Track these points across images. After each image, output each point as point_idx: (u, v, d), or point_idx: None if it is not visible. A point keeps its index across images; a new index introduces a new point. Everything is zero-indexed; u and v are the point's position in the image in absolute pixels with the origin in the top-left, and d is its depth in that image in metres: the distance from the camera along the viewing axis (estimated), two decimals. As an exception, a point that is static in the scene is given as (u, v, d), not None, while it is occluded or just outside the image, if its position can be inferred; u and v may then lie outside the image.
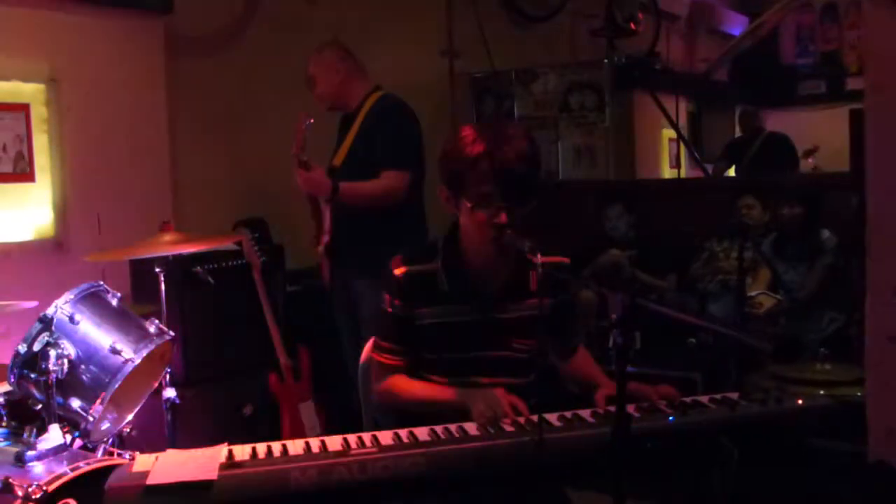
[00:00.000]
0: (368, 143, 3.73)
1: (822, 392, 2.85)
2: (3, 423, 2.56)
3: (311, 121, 3.63)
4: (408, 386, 2.37)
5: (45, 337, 2.40)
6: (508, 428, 2.02)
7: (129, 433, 2.88)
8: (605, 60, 6.45)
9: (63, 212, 3.99)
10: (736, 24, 9.90)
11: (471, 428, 2.03)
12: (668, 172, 8.18)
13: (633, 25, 7.07)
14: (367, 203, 3.67)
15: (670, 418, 2.03)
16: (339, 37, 4.15)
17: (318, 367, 4.17)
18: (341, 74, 3.84)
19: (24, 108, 3.88)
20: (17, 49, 3.85)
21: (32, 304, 2.81)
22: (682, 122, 8.06)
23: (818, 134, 8.09)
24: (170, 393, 3.09)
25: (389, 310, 2.36)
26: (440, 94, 6.36)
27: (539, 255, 1.97)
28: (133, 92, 4.27)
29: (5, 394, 2.67)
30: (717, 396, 2.16)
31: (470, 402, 2.14)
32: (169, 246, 3.09)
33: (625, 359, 1.70)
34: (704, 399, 2.16)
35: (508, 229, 2.16)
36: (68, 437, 2.42)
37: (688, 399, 2.15)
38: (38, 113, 3.93)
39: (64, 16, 3.99)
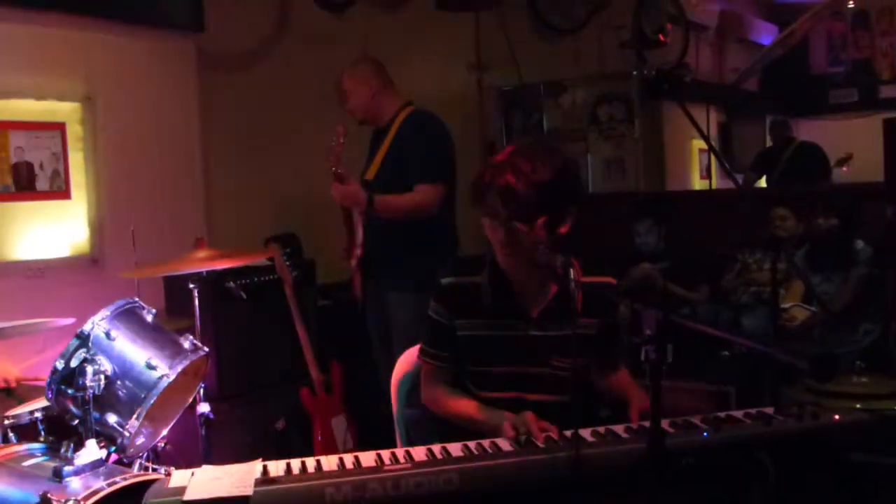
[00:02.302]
0: (401, 157, 3.75)
1: (858, 406, 2.81)
2: (41, 439, 2.60)
3: (346, 133, 3.67)
4: (448, 400, 2.41)
5: (82, 353, 2.42)
6: (542, 444, 2.01)
7: (164, 448, 2.91)
8: (634, 72, 6.43)
9: (98, 228, 4.05)
10: (765, 34, 9.83)
11: (504, 444, 2.03)
12: (698, 183, 8.12)
13: (661, 37, 7.05)
14: (402, 216, 3.69)
15: (705, 434, 2.01)
16: (368, 52, 4.18)
17: (350, 381, 4.19)
18: (374, 89, 3.87)
19: (60, 127, 3.96)
20: (52, 69, 3.92)
21: (69, 320, 2.84)
22: (713, 132, 8.00)
23: (851, 143, 7.99)
24: (204, 408, 3.11)
25: (437, 318, 2.39)
26: (469, 107, 6.38)
27: (572, 272, 1.97)
28: (166, 109, 4.33)
29: (43, 409, 2.71)
30: (752, 411, 2.14)
31: (500, 425, 2.15)
32: (202, 262, 3.12)
33: (658, 375, 1.69)
34: (739, 414, 2.14)
35: (542, 245, 2.17)
36: (104, 452, 2.44)
37: (722, 414, 2.14)
38: (74, 131, 4.00)
39: (98, 36, 4.06)
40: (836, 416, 2.08)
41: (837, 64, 10.09)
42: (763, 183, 7.80)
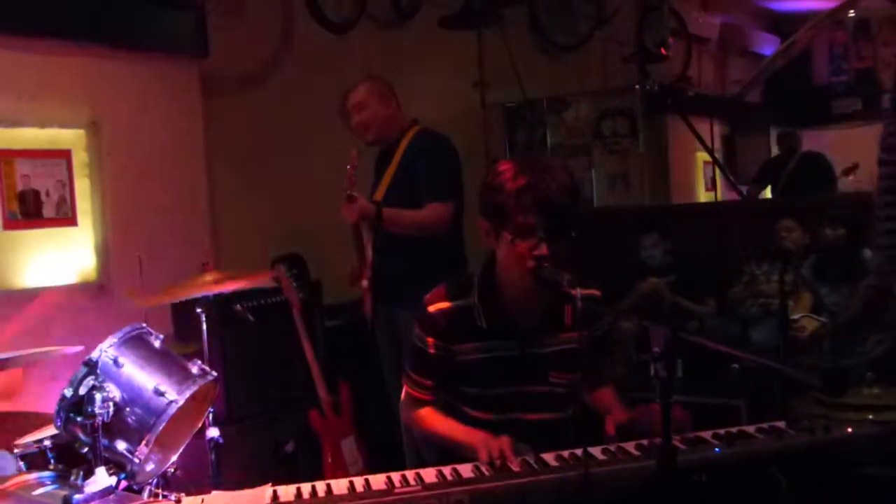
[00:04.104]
0: (409, 177, 3.76)
1: (870, 417, 2.79)
2: (51, 467, 2.59)
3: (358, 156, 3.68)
4: (431, 421, 2.40)
5: (90, 381, 2.41)
6: (552, 463, 2.01)
7: (173, 473, 2.89)
8: (637, 86, 6.45)
9: (105, 255, 4.06)
10: (767, 45, 9.86)
11: (515, 464, 2.02)
12: (703, 196, 8.12)
13: (663, 50, 7.07)
14: (410, 231, 3.69)
15: (716, 449, 2.00)
16: (373, 71, 4.20)
17: (359, 402, 4.18)
18: (392, 107, 3.89)
19: (65, 154, 3.97)
20: (57, 96, 3.94)
21: (78, 348, 2.84)
22: (717, 144, 8.01)
23: (856, 152, 7.99)
24: (213, 432, 3.10)
25: (422, 346, 2.37)
26: (473, 124, 6.40)
27: (578, 290, 1.96)
28: (171, 135, 4.35)
29: (52, 437, 2.71)
30: (764, 426, 2.13)
31: (478, 445, 2.12)
32: (210, 286, 3.12)
33: (668, 393, 1.68)
34: (751, 429, 2.13)
35: (547, 263, 2.16)
36: (114, 480, 2.43)
37: (733, 429, 2.12)
38: (80, 158, 4.02)
39: (102, 62, 4.08)
40: (849, 430, 2.07)
41: (840, 74, 10.10)
42: (768, 194, 7.80)
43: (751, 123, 9.10)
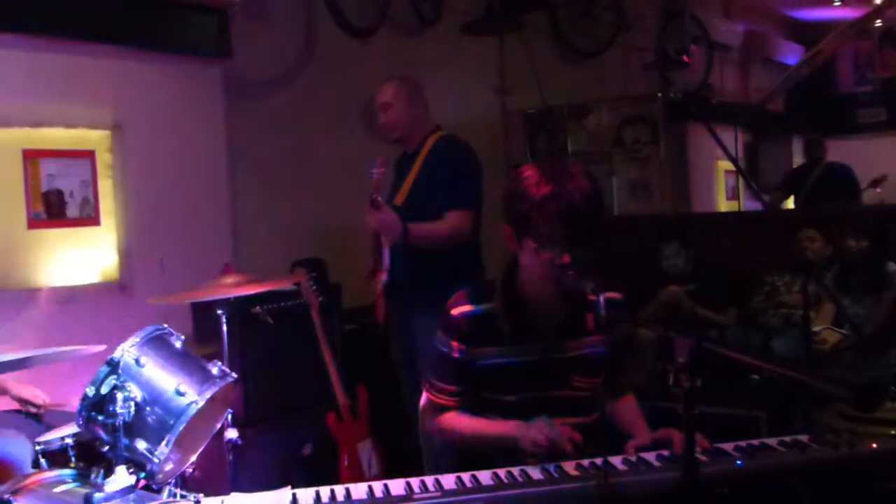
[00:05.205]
0: (431, 182, 3.74)
1: (893, 432, 2.77)
2: (72, 465, 2.61)
3: (387, 162, 3.68)
4: (459, 423, 2.38)
5: (112, 380, 2.42)
6: (572, 472, 2.00)
7: (191, 474, 2.90)
8: (659, 94, 6.43)
9: (127, 255, 4.08)
10: (790, 54, 9.80)
11: (534, 472, 2.01)
12: (724, 205, 8.08)
13: (685, 58, 7.05)
14: (435, 244, 3.68)
15: (738, 462, 1.98)
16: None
17: (376, 406, 4.17)
18: (419, 108, 3.88)
19: (89, 155, 4.00)
20: (82, 97, 3.97)
21: (101, 347, 2.86)
22: (739, 153, 7.97)
23: (881, 163, 7.93)
24: (231, 433, 3.11)
25: (446, 351, 2.36)
26: (493, 130, 6.40)
27: (602, 298, 1.95)
28: (194, 137, 4.37)
29: (74, 435, 2.73)
30: (787, 439, 2.11)
31: (520, 433, 2.13)
32: (230, 288, 3.13)
33: (693, 404, 1.66)
34: (773, 442, 2.11)
35: (570, 270, 2.14)
36: (134, 479, 2.44)
37: (756, 442, 2.11)
38: (103, 159, 4.04)
39: (127, 64, 4.11)
40: (874, 445, 2.04)
41: (864, 83, 10.01)
42: (791, 204, 7.74)
43: (773, 132, 9.04)
